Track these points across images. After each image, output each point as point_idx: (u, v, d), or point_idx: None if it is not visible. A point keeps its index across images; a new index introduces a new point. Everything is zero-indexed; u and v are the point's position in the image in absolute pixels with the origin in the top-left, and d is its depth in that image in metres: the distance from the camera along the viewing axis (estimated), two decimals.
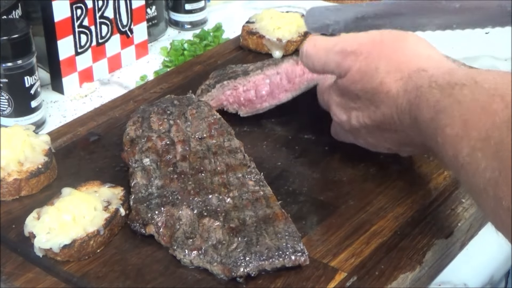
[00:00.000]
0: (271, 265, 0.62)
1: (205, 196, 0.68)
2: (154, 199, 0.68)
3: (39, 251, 0.65)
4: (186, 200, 0.68)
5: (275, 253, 0.62)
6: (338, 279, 0.63)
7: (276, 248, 0.63)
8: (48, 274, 0.64)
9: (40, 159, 0.74)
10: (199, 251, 0.63)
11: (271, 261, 0.62)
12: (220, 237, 0.64)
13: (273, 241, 0.63)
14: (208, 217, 0.66)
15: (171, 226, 0.66)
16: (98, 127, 0.84)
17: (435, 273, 0.68)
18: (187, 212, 0.66)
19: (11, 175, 0.72)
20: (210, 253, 0.63)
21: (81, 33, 0.97)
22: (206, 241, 0.64)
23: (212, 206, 0.67)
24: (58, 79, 0.98)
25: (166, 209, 0.67)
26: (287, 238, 0.63)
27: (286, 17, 1.03)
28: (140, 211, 0.67)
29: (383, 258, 0.65)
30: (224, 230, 0.64)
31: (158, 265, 0.64)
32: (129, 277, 0.63)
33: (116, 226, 0.68)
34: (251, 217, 0.66)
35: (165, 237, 0.66)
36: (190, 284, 0.62)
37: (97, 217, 0.66)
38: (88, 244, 0.65)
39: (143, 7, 1.05)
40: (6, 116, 0.88)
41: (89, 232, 0.65)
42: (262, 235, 0.64)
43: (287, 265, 0.63)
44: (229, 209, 0.67)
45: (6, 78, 0.86)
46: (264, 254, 0.62)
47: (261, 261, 0.62)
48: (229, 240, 0.64)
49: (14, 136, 0.74)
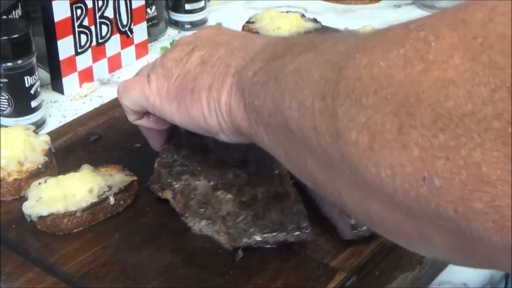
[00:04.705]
0: (273, 238, 0.64)
1: (223, 170, 0.70)
2: (176, 167, 0.70)
3: (26, 215, 0.68)
4: (205, 172, 0.69)
5: (278, 227, 0.64)
6: (338, 279, 0.63)
7: (280, 223, 0.64)
8: (48, 274, 0.64)
9: (40, 159, 0.74)
10: (208, 221, 0.66)
11: (274, 235, 0.64)
12: (230, 209, 0.66)
13: (279, 216, 0.65)
14: (222, 190, 0.68)
15: (187, 195, 0.68)
16: (98, 127, 0.84)
17: (435, 273, 0.68)
18: (204, 183, 0.69)
19: (11, 175, 0.72)
20: (219, 224, 0.65)
21: (81, 33, 0.97)
22: (217, 212, 0.66)
23: (228, 180, 0.69)
24: (58, 79, 0.98)
25: (185, 178, 0.69)
26: (293, 215, 0.65)
27: (286, 17, 1.03)
28: (162, 175, 0.70)
29: (383, 258, 0.65)
30: (235, 203, 0.66)
31: (158, 265, 0.64)
32: (129, 277, 0.63)
33: (102, 213, 0.69)
34: (263, 193, 0.67)
35: (180, 204, 0.68)
36: (190, 284, 0.62)
37: (85, 199, 0.68)
38: (62, 221, 0.67)
39: (143, 7, 1.05)
40: (6, 116, 0.88)
41: (67, 210, 0.67)
42: (269, 210, 0.65)
43: (289, 240, 0.64)
44: (243, 184, 0.68)
45: (6, 78, 0.86)
46: (268, 227, 0.64)
47: (264, 233, 0.64)
48: (238, 213, 0.66)
49: (14, 136, 0.74)
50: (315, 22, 1.07)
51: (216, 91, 0.58)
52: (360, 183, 0.40)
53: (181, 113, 0.62)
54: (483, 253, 0.35)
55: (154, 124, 0.69)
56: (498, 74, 0.32)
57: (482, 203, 0.32)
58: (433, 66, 0.35)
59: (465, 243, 0.36)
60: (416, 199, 0.36)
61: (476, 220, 0.33)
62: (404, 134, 0.35)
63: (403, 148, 0.35)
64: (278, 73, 0.50)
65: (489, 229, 0.33)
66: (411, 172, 0.35)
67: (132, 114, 0.68)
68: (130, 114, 0.69)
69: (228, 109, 0.57)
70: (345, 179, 0.41)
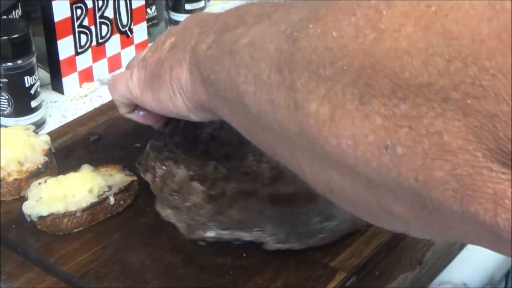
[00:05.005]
0: (230, 236, 0.64)
1: (205, 162, 0.69)
2: (165, 151, 0.71)
3: (26, 215, 0.69)
4: (188, 161, 0.69)
5: (236, 225, 0.64)
6: (338, 279, 0.63)
7: (239, 221, 0.64)
8: (48, 274, 0.64)
9: (40, 159, 0.74)
10: (175, 209, 0.66)
11: (230, 232, 0.64)
12: (197, 201, 0.66)
13: (240, 214, 0.65)
14: (197, 181, 0.67)
15: (164, 180, 0.69)
16: (98, 127, 0.84)
17: (435, 273, 0.68)
18: (183, 172, 0.68)
19: (11, 175, 0.72)
20: (183, 213, 0.66)
21: (81, 33, 0.97)
22: (184, 202, 0.67)
23: (206, 172, 0.69)
24: (58, 79, 0.98)
25: (168, 164, 0.69)
26: (255, 215, 0.64)
27: None
28: (149, 157, 0.71)
29: (383, 258, 0.65)
30: (204, 196, 0.66)
31: (158, 265, 0.64)
32: (129, 277, 0.63)
33: (102, 213, 0.69)
34: (232, 189, 0.67)
35: (156, 188, 0.69)
36: (190, 284, 0.62)
37: (84, 199, 0.68)
38: (62, 221, 0.67)
39: (143, 7, 1.05)
40: (6, 116, 0.88)
41: (67, 210, 0.67)
42: (232, 207, 0.65)
43: (245, 238, 0.64)
44: (218, 178, 0.68)
45: (6, 78, 0.86)
46: (225, 224, 0.64)
47: (220, 229, 0.64)
48: (202, 206, 0.66)
49: (14, 136, 0.74)
50: None
51: (176, 71, 0.59)
52: (320, 155, 0.39)
53: (154, 99, 0.63)
54: (443, 223, 0.35)
55: (143, 119, 0.71)
56: (453, 44, 0.31)
57: (443, 172, 0.32)
58: (385, 35, 0.33)
59: (425, 213, 0.35)
60: (377, 169, 0.35)
61: (437, 189, 0.33)
62: (366, 104, 0.35)
63: (365, 117, 0.35)
64: (232, 46, 0.49)
65: (449, 197, 0.33)
66: (374, 141, 0.35)
67: (123, 107, 0.70)
68: (121, 107, 0.71)
69: (188, 86, 0.58)
70: (304, 152, 0.41)
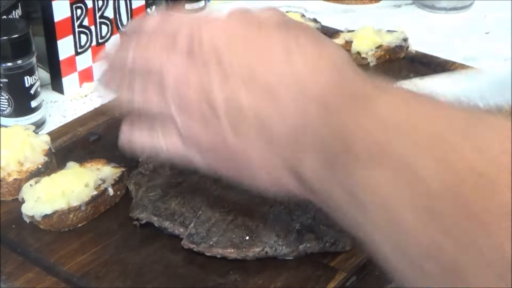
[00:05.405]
0: (158, 222, 0.66)
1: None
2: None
3: (25, 217, 0.69)
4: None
5: (168, 216, 0.66)
6: (338, 279, 0.63)
7: (172, 213, 0.66)
8: (48, 274, 0.64)
9: (40, 159, 0.74)
10: (137, 186, 0.70)
11: (158, 219, 0.66)
12: (158, 184, 0.70)
13: (176, 206, 0.67)
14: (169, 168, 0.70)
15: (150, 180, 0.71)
16: (98, 127, 0.84)
17: None
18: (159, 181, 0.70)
19: (11, 175, 0.72)
20: (140, 191, 0.69)
21: (81, 33, 0.97)
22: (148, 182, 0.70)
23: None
24: (58, 79, 0.98)
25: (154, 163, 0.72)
26: (189, 214, 0.66)
27: None
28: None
29: None
30: (164, 181, 0.69)
31: (158, 265, 0.64)
32: (129, 277, 0.63)
33: (103, 205, 0.70)
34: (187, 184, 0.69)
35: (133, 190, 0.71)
36: (190, 284, 0.62)
37: (84, 193, 0.69)
38: (68, 217, 0.67)
39: (143, 7, 1.05)
40: (6, 116, 0.88)
41: (71, 205, 0.67)
42: (179, 201, 0.67)
43: (169, 230, 0.66)
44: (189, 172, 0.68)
45: (6, 78, 0.86)
46: (158, 211, 0.67)
47: (152, 215, 0.66)
48: (156, 189, 0.69)
49: (14, 136, 0.74)
50: (315, 22, 1.07)
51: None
52: None
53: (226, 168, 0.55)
54: None
55: None
56: None
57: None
58: None
59: None
60: None
61: None
62: None
63: None
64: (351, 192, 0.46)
65: None
66: None
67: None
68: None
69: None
70: None
